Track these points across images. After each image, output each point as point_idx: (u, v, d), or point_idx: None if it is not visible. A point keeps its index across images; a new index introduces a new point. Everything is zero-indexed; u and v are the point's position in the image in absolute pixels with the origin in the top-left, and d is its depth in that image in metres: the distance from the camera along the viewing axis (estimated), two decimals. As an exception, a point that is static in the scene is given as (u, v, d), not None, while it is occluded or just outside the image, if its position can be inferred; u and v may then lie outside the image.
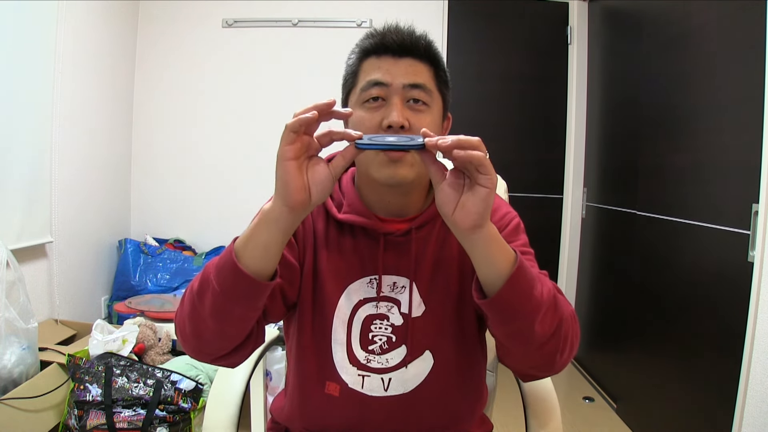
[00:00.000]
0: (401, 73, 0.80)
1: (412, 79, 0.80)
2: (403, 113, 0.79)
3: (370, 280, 0.87)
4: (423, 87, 0.81)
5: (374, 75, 0.81)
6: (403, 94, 0.80)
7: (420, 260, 0.87)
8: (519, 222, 0.94)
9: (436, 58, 0.84)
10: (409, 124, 0.79)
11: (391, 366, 0.87)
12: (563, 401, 2.60)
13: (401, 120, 0.78)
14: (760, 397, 1.50)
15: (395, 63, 0.81)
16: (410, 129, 0.79)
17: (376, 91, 0.80)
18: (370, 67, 0.82)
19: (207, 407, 1.00)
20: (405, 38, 0.81)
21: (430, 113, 0.82)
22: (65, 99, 2.37)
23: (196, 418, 1.79)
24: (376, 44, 0.82)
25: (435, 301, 0.87)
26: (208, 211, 3.09)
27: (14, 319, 1.69)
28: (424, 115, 0.81)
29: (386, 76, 0.80)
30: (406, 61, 0.81)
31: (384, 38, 0.82)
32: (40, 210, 2.22)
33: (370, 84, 0.81)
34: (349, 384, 0.87)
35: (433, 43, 0.85)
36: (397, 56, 0.81)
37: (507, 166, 2.22)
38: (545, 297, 0.71)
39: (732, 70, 1.73)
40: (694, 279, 1.91)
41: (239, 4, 3.05)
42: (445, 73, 0.86)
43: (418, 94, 0.81)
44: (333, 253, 0.88)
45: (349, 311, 0.87)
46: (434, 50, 0.84)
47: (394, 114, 0.78)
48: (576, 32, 3.10)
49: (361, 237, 0.88)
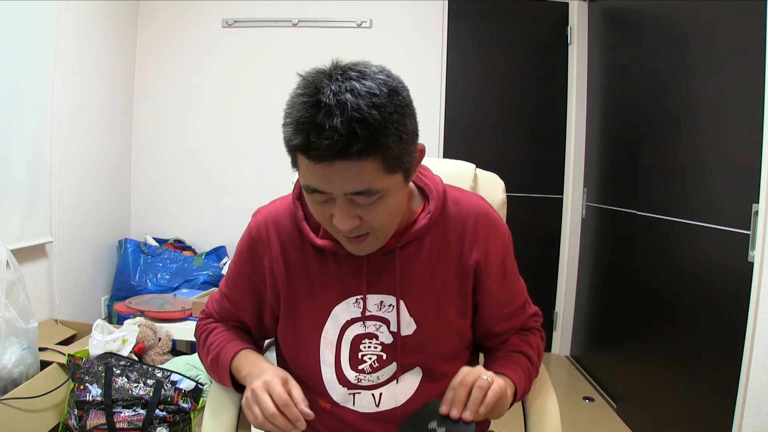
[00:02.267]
0: (338, 179, 0.68)
1: (353, 187, 0.69)
2: (350, 218, 0.72)
3: (356, 299, 0.85)
4: (367, 192, 0.69)
5: (310, 181, 0.70)
6: (347, 198, 0.71)
7: (407, 278, 0.85)
8: (510, 245, 0.93)
9: (381, 144, 0.66)
10: (361, 221, 0.73)
11: (382, 381, 0.86)
12: (563, 401, 2.60)
13: (350, 226, 0.72)
14: (760, 397, 1.50)
15: (330, 168, 0.67)
16: (364, 223, 0.73)
17: (318, 196, 0.72)
18: (304, 167, 0.70)
19: (207, 407, 1.00)
20: (333, 145, 0.64)
21: (384, 199, 0.72)
22: (65, 99, 2.37)
23: (196, 418, 1.79)
24: (302, 145, 0.67)
25: (427, 319, 0.86)
26: (208, 211, 3.09)
27: (14, 319, 1.69)
28: (377, 206, 0.72)
29: (323, 184, 0.69)
30: (340, 164, 0.66)
31: (309, 142, 0.65)
32: (40, 210, 2.22)
33: (310, 190, 0.72)
34: (340, 402, 0.87)
35: (376, 123, 0.65)
36: (329, 161, 0.66)
37: (507, 166, 2.22)
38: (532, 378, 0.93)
39: (732, 70, 1.73)
40: (694, 279, 1.90)
41: (239, 4, 3.05)
42: (401, 138, 0.69)
43: (364, 200, 0.71)
44: (314, 279, 0.86)
45: (336, 332, 0.86)
46: (377, 138, 0.65)
47: (341, 222, 0.72)
48: (576, 32, 3.10)
49: (343, 258, 0.85)
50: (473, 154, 1.68)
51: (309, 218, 0.87)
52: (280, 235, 0.88)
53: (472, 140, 3.10)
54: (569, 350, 3.24)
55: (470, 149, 3.03)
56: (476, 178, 1.20)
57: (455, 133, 3.07)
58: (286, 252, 0.88)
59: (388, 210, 0.74)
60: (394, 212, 0.76)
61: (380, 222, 0.75)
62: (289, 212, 0.90)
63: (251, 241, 0.91)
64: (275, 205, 0.93)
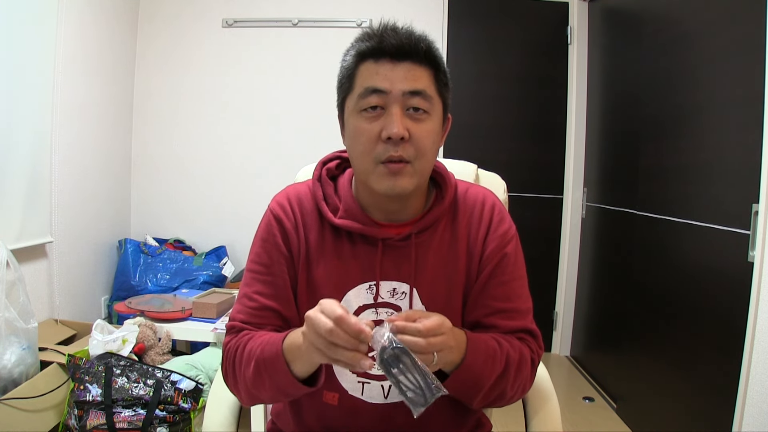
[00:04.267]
0: (400, 78, 0.77)
1: (412, 86, 0.77)
2: (402, 124, 0.77)
3: (369, 286, 0.86)
4: (423, 94, 0.78)
5: (372, 81, 0.77)
6: (402, 102, 0.77)
7: (421, 265, 0.86)
8: (516, 243, 0.91)
9: (436, 61, 0.80)
10: (410, 134, 0.77)
11: None
12: (563, 401, 2.60)
13: (401, 132, 0.76)
14: (760, 397, 1.50)
15: (394, 67, 0.77)
16: (410, 139, 0.77)
17: (374, 99, 0.78)
18: (367, 72, 0.79)
19: (207, 407, 1.00)
20: (404, 41, 0.77)
21: (431, 120, 0.80)
22: (65, 99, 2.37)
23: (196, 418, 1.79)
24: (373, 47, 0.78)
25: (438, 307, 0.85)
26: (208, 211, 3.09)
27: (14, 319, 1.69)
28: (425, 124, 0.79)
29: (384, 82, 0.77)
30: (405, 65, 0.77)
31: (382, 41, 0.77)
32: (40, 210, 2.22)
33: (368, 91, 0.78)
34: (348, 391, 0.86)
35: (434, 44, 0.81)
36: (395, 60, 0.77)
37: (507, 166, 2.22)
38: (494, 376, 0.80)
39: (732, 70, 1.73)
40: (695, 279, 1.91)
41: (239, 4, 3.05)
42: (445, 75, 0.82)
43: (418, 102, 0.78)
44: (329, 261, 0.86)
45: None
46: (434, 52, 0.80)
47: (393, 126, 0.76)
48: (576, 32, 3.10)
49: (359, 242, 0.86)
50: (473, 154, 1.68)
51: (328, 199, 0.88)
52: (302, 212, 0.89)
53: (472, 140, 3.10)
54: (569, 350, 3.24)
55: (470, 149, 3.03)
56: (478, 178, 1.20)
57: (455, 133, 3.04)
58: (307, 228, 0.88)
59: (431, 134, 0.80)
60: (434, 142, 0.81)
61: (423, 144, 0.79)
62: (309, 192, 0.90)
63: (277, 218, 0.88)
64: (294, 186, 0.94)
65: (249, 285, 0.88)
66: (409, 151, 0.78)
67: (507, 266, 0.88)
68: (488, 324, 0.87)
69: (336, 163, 0.93)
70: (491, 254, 0.87)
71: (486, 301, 0.87)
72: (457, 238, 0.88)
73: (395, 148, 0.77)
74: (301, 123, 3.03)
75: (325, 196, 0.89)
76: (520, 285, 0.90)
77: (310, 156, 1.18)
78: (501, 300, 0.88)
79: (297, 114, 3.05)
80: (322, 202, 0.88)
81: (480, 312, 0.87)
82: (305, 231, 0.88)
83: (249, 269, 0.89)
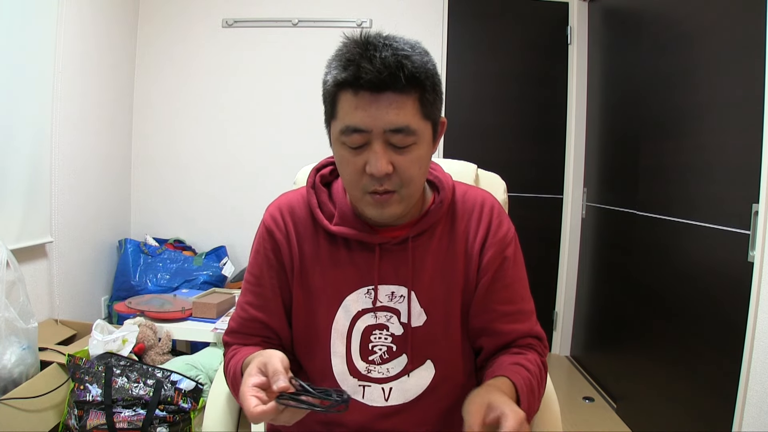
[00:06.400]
0: (382, 113, 0.72)
1: (394, 123, 0.73)
2: (385, 159, 0.74)
3: (367, 290, 0.86)
4: (405, 130, 0.74)
5: (352, 120, 0.73)
6: (385, 138, 0.74)
7: (419, 269, 0.86)
8: (516, 245, 0.92)
9: (421, 82, 0.74)
10: (394, 167, 0.75)
11: (392, 375, 0.86)
12: (563, 401, 2.60)
13: (384, 170, 0.74)
14: (760, 397, 1.50)
15: (374, 100, 0.72)
16: (395, 170, 0.76)
17: (357, 138, 0.74)
18: (347, 105, 0.74)
19: (207, 407, 1.00)
20: (382, 71, 0.70)
21: (417, 148, 0.76)
22: (65, 99, 2.37)
23: (196, 418, 1.79)
24: (351, 79, 0.72)
25: (437, 310, 0.86)
26: (208, 211, 3.09)
27: (14, 319, 1.69)
28: (410, 154, 0.76)
29: (365, 120, 0.73)
30: (386, 96, 0.72)
31: (358, 72, 0.71)
32: (40, 210, 2.22)
33: (349, 130, 0.74)
34: (349, 394, 0.87)
35: (420, 61, 0.74)
36: (375, 92, 0.72)
37: (507, 166, 2.22)
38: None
39: (732, 70, 1.73)
40: (694, 279, 1.91)
41: (239, 4, 3.05)
42: (434, 90, 0.77)
43: (401, 140, 0.74)
44: (326, 268, 0.87)
45: (347, 323, 0.86)
46: (419, 74, 0.73)
47: (375, 165, 0.74)
48: (576, 32, 3.10)
49: (355, 247, 0.86)
50: (473, 154, 1.69)
51: (323, 206, 0.88)
52: (295, 223, 0.89)
53: (472, 140, 3.10)
54: (569, 350, 3.24)
55: (470, 149, 3.03)
56: (478, 178, 1.20)
57: (455, 133, 3.07)
58: (300, 239, 0.88)
59: (417, 162, 0.77)
60: (422, 167, 0.79)
61: (409, 174, 0.77)
62: (303, 201, 0.91)
63: (268, 230, 0.90)
64: (287, 195, 0.94)
65: (243, 295, 0.93)
66: (395, 181, 0.77)
67: (508, 269, 0.89)
68: (495, 329, 0.88)
69: (330, 170, 0.93)
70: (492, 258, 0.87)
71: (490, 305, 0.88)
72: (456, 240, 0.88)
73: (380, 181, 0.76)
74: (301, 123, 3.03)
75: (320, 203, 0.89)
76: (522, 286, 0.91)
77: (310, 156, 1.19)
78: (505, 303, 0.88)
79: (297, 114, 3.05)
80: (317, 209, 0.88)
81: (485, 317, 0.88)
82: (299, 241, 0.88)
83: (245, 279, 0.93)
